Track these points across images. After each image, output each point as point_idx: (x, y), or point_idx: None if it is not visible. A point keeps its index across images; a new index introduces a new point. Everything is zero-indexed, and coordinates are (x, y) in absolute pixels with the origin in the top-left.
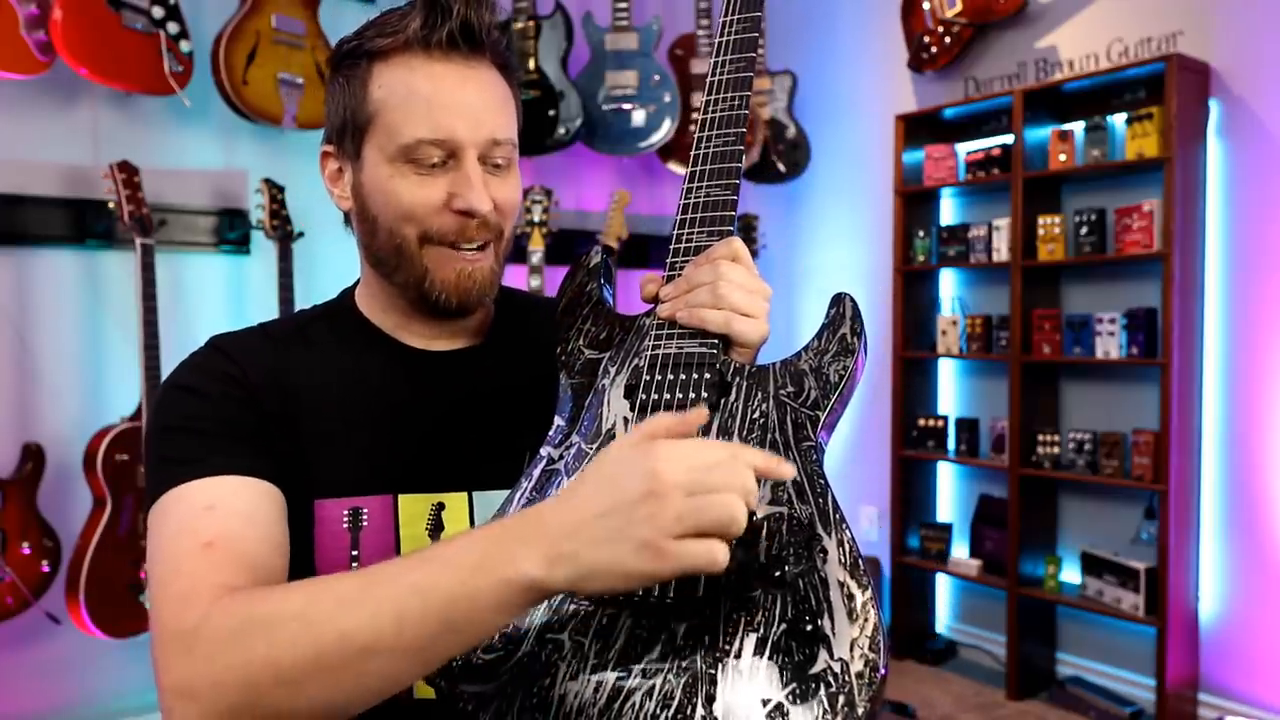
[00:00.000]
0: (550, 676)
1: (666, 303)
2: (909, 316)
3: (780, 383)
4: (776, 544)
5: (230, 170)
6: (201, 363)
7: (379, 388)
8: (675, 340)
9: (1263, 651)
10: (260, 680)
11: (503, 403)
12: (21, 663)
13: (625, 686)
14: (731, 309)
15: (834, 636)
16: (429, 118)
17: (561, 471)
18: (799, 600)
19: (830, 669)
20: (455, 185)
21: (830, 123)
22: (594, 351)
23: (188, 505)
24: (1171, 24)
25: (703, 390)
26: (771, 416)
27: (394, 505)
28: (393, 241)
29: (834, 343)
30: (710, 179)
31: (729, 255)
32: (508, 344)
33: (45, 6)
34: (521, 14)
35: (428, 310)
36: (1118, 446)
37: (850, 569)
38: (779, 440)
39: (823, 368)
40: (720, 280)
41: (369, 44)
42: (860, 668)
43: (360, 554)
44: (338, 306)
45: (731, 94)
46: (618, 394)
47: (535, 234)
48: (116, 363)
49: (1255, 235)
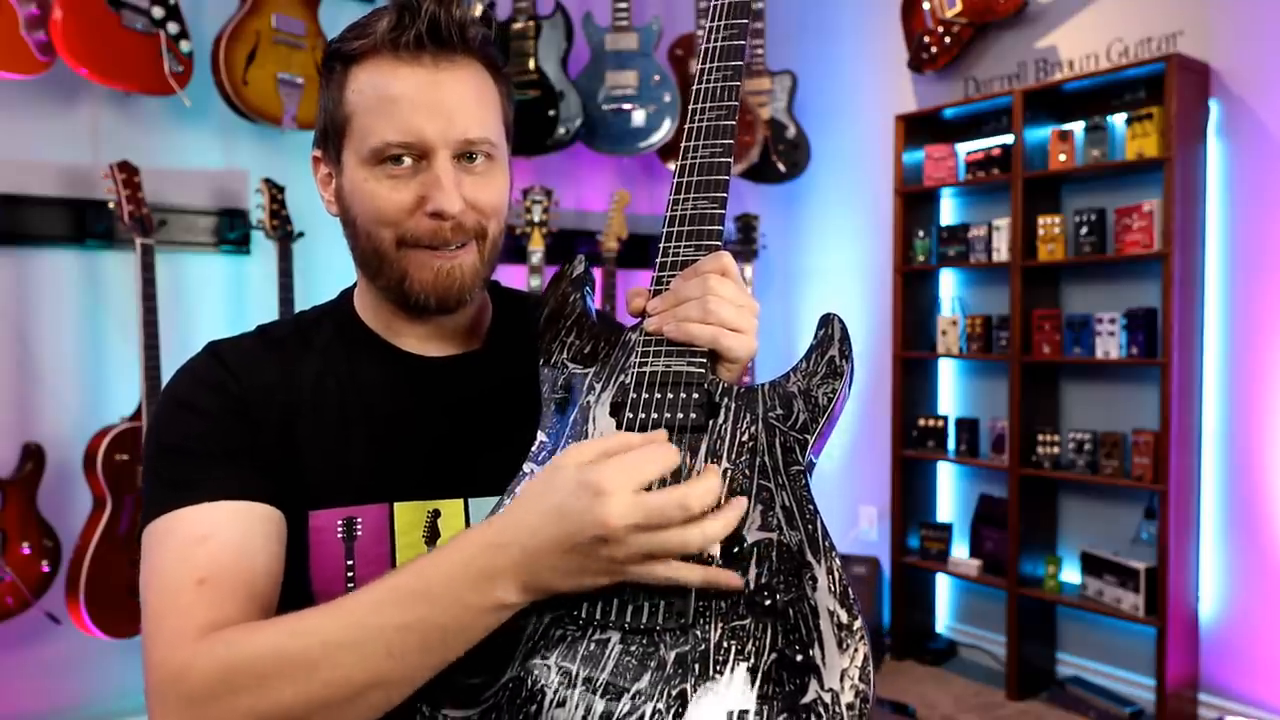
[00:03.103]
0: (537, 703)
1: (653, 316)
2: (909, 316)
3: (769, 405)
4: (767, 570)
5: (230, 170)
6: (199, 372)
7: (375, 395)
8: (663, 358)
9: (1263, 651)
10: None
11: (500, 408)
12: (21, 663)
13: (614, 713)
14: (720, 324)
15: (824, 667)
16: (396, 120)
17: None
18: (789, 629)
19: (821, 699)
20: (425, 187)
21: (830, 123)
22: (578, 366)
23: (181, 536)
24: (1171, 24)
25: (691, 410)
26: (760, 439)
27: (389, 514)
28: (371, 244)
29: (823, 365)
30: (697, 190)
31: (717, 270)
32: (506, 346)
33: (45, 6)
34: (521, 14)
35: (410, 311)
36: (1118, 446)
37: (840, 597)
38: (768, 464)
39: (811, 390)
40: (709, 295)
41: (345, 47)
42: (850, 699)
43: (355, 564)
44: (336, 309)
45: (718, 103)
46: (603, 411)
47: (535, 234)
48: (116, 363)
49: (1255, 235)
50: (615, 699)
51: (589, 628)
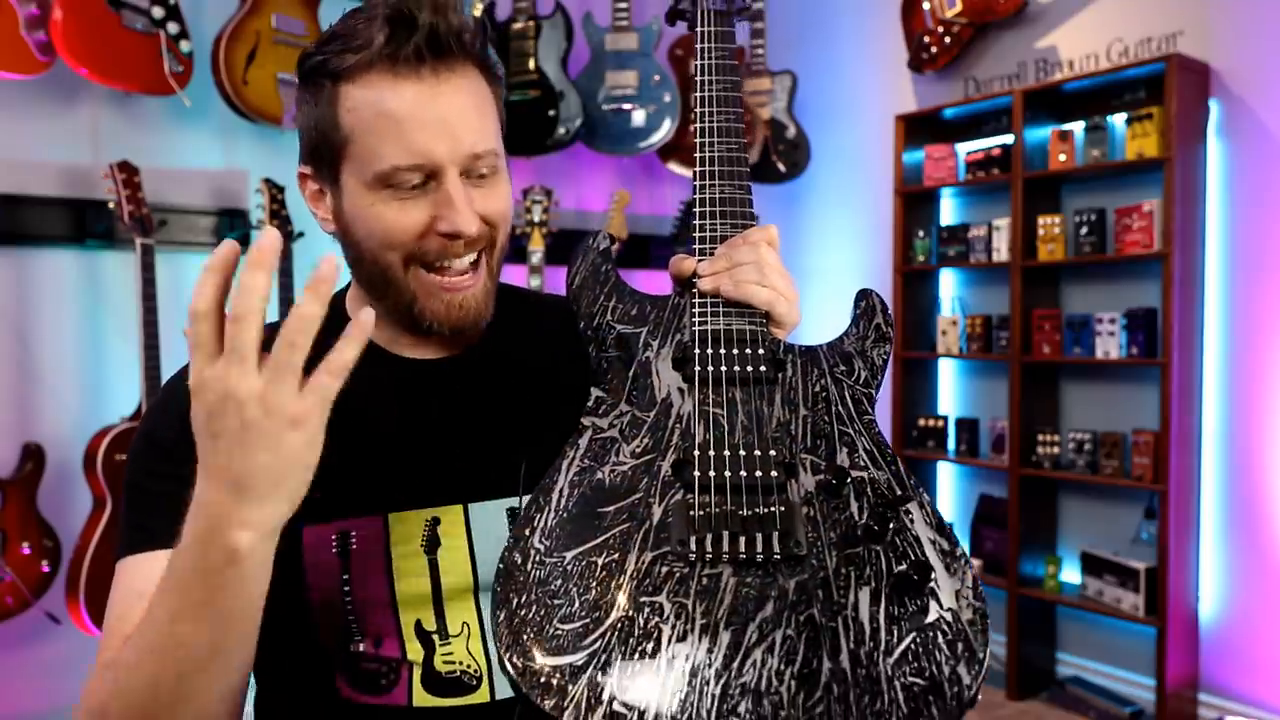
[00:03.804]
0: (654, 640)
1: (708, 277)
2: (909, 316)
3: (832, 362)
4: (867, 504)
5: (230, 170)
6: (176, 398)
7: (367, 403)
8: (721, 317)
9: (1263, 651)
10: None
11: (497, 409)
12: (21, 663)
13: (742, 642)
14: (774, 288)
15: (940, 589)
16: (403, 141)
17: (618, 439)
18: (899, 556)
19: (944, 618)
20: (438, 207)
21: (830, 123)
22: (626, 326)
23: (124, 587)
24: (1171, 24)
25: (761, 364)
26: (832, 391)
27: (384, 525)
28: (379, 268)
29: (871, 330)
30: (722, 178)
31: (767, 239)
32: (502, 345)
33: (45, 6)
34: (521, 14)
35: (420, 333)
36: (1118, 446)
37: (937, 528)
38: (843, 413)
39: (867, 351)
40: (763, 262)
41: (334, 62)
42: (970, 615)
43: (351, 577)
44: (329, 313)
45: (726, 108)
46: (665, 366)
47: (535, 234)
48: (116, 363)
49: (1255, 235)
50: (741, 629)
51: (698, 563)
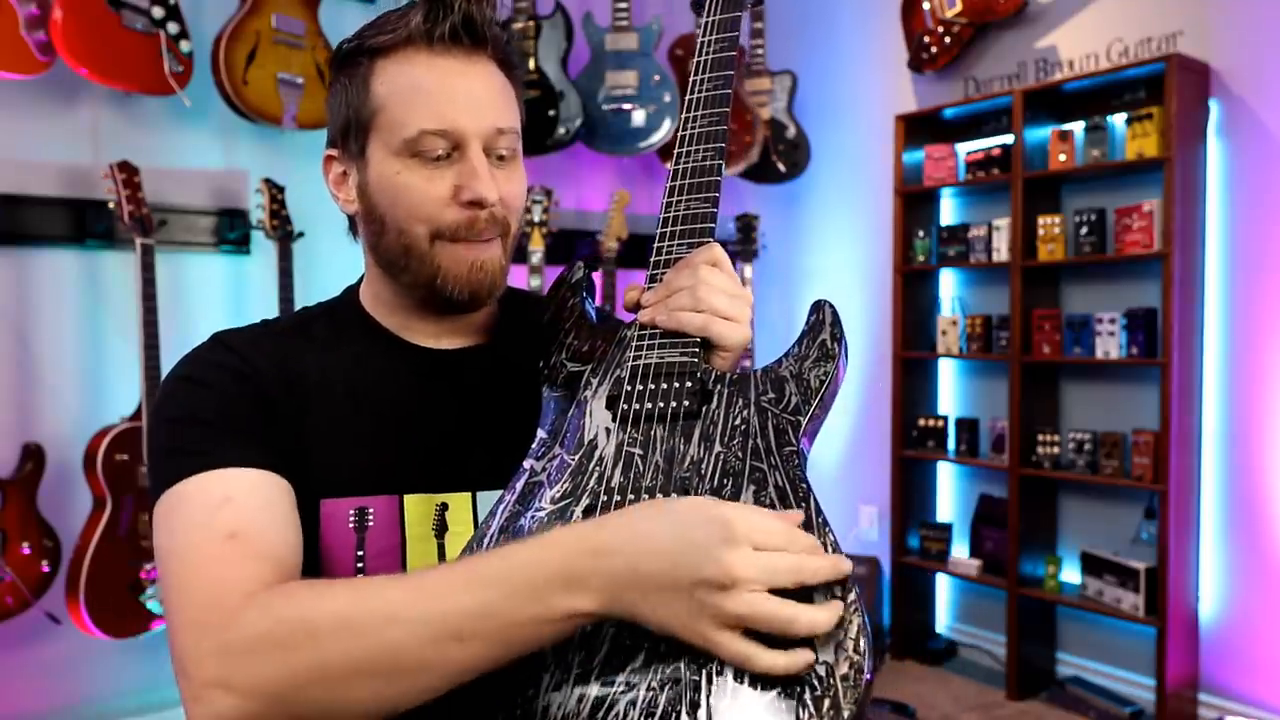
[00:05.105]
0: (534, 687)
1: (646, 309)
2: (909, 316)
3: (761, 389)
4: None
5: (230, 170)
6: (205, 355)
7: (384, 386)
8: (656, 350)
9: (1263, 651)
10: (303, 681)
11: (507, 402)
12: (21, 663)
13: (608, 696)
14: (711, 311)
15: (818, 640)
16: (432, 108)
17: (544, 483)
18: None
19: (815, 673)
20: (462, 177)
21: (830, 123)
22: (576, 364)
23: (202, 498)
24: (1171, 24)
25: (684, 399)
26: (753, 423)
27: (400, 505)
28: (402, 241)
29: (814, 349)
30: (689, 193)
31: (709, 260)
32: (512, 342)
33: (45, 6)
34: (521, 14)
35: (438, 307)
36: (1118, 446)
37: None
38: (760, 446)
39: (803, 373)
40: (700, 284)
41: (370, 41)
42: (845, 670)
43: (365, 554)
44: (341, 304)
45: (710, 110)
46: (599, 405)
47: (535, 234)
48: (116, 363)
49: (1255, 235)
50: (610, 682)
51: None
